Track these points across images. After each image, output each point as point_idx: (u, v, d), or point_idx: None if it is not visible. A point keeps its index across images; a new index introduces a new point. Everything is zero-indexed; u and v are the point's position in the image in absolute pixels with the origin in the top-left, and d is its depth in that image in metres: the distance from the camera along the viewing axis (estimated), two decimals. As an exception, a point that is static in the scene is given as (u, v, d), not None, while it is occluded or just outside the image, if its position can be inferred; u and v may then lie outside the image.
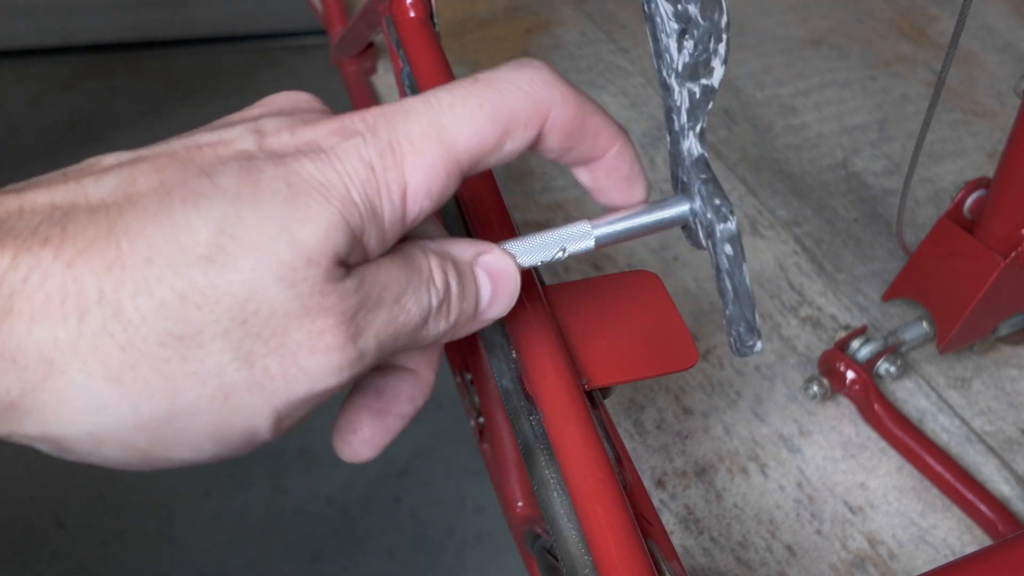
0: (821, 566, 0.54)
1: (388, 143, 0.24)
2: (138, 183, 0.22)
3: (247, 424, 0.23)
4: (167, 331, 0.21)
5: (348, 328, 0.23)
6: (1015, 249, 0.56)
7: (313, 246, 0.22)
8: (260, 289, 0.22)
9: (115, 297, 0.21)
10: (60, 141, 1.53)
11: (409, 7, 0.53)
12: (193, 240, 0.21)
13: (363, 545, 1.04)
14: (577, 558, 0.30)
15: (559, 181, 0.79)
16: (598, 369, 0.33)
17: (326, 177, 0.23)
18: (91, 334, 0.21)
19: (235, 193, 0.22)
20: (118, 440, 0.22)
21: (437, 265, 0.26)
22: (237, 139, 0.24)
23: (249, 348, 0.22)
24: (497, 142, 0.25)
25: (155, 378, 0.21)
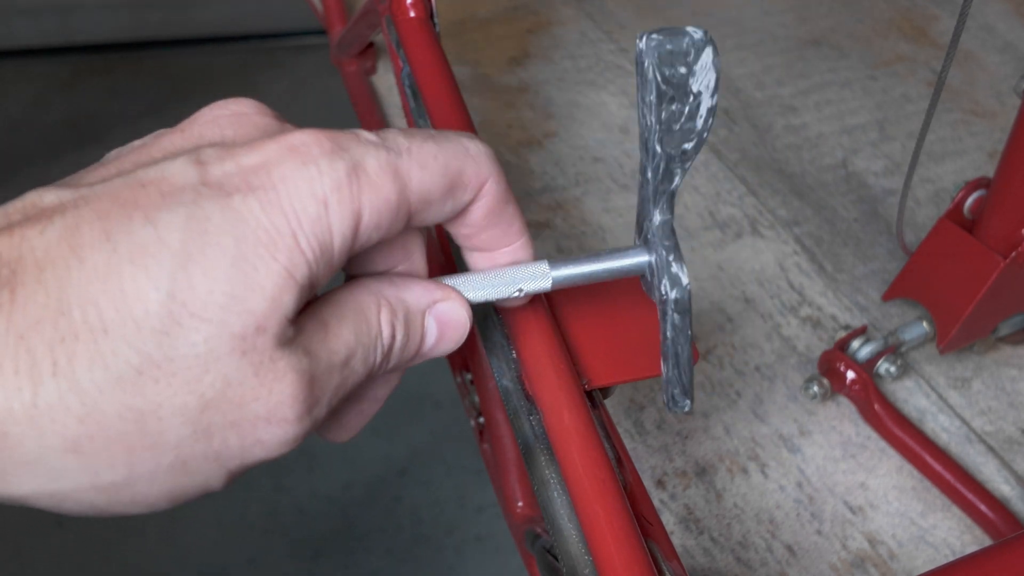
0: (821, 566, 0.54)
1: (346, 173, 0.23)
2: (83, 233, 0.21)
3: (202, 484, 0.23)
4: (125, 404, 0.21)
5: (306, 399, 0.24)
6: (1015, 249, 0.56)
7: (262, 313, 0.22)
8: (213, 362, 0.22)
9: (70, 369, 0.21)
10: (60, 141, 1.53)
11: (409, 7, 0.53)
12: (145, 311, 0.21)
13: (363, 544, 1.04)
14: (577, 558, 0.30)
15: (559, 181, 0.79)
16: (598, 369, 0.33)
17: (273, 223, 0.22)
18: (47, 407, 0.20)
19: (182, 251, 0.21)
20: (77, 500, 0.22)
21: (387, 319, 0.27)
22: (178, 173, 0.23)
23: (208, 421, 0.22)
24: (442, 195, 0.26)
25: (114, 448, 0.21)
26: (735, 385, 0.63)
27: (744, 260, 0.73)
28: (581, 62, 0.94)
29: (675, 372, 0.30)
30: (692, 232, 0.75)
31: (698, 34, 0.25)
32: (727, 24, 1.01)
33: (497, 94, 0.89)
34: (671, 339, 0.30)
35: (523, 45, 0.96)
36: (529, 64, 0.93)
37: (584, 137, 0.84)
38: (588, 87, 0.90)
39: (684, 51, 0.25)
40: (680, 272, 0.29)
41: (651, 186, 0.28)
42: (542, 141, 0.84)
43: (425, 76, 0.48)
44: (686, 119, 0.26)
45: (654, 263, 0.30)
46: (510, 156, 0.82)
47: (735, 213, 0.77)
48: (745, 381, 0.64)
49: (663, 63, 0.25)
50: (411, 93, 0.51)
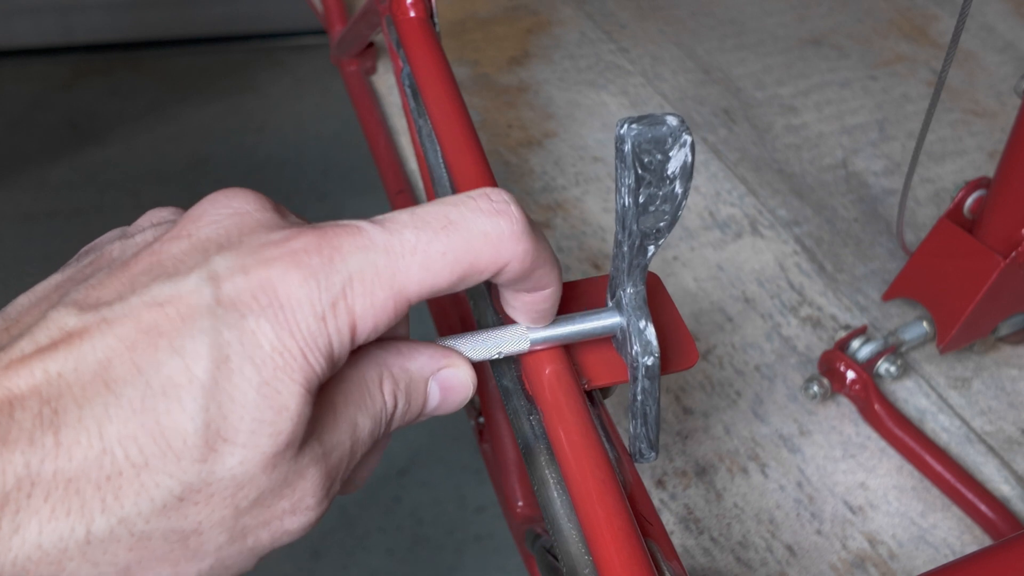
0: (821, 566, 0.54)
1: (341, 289, 0.25)
2: (115, 367, 0.23)
3: (236, 573, 0.26)
4: (170, 528, 0.23)
5: (324, 485, 0.26)
6: (1015, 249, 0.56)
7: (290, 432, 0.24)
8: (248, 480, 0.24)
9: (118, 505, 0.22)
10: (60, 141, 1.53)
11: (409, 7, 0.53)
12: (183, 443, 0.23)
13: (363, 544, 1.04)
14: (577, 558, 0.30)
15: (559, 181, 0.79)
16: (598, 369, 0.33)
17: (285, 345, 0.24)
18: (99, 542, 0.22)
19: (211, 381, 0.23)
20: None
21: (390, 391, 0.28)
22: (194, 292, 0.24)
23: (243, 526, 0.25)
24: (450, 286, 0.26)
25: (160, 566, 0.24)
26: (735, 385, 0.63)
27: (744, 260, 0.73)
28: (581, 62, 0.94)
29: (643, 429, 0.32)
30: (692, 232, 0.75)
31: (675, 121, 0.26)
32: (727, 24, 1.01)
33: (497, 94, 0.89)
34: (640, 400, 0.31)
35: (523, 45, 0.96)
36: (529, 64, 0.93)
37: (584, 137, 0.84)
38: (588, 87, 0.90)
39: (662, 138, 0.26)
40: (651, 340, 0.30)
41: (626, 260, 0.29)
42: (542, 141, 0.84)
43: (425, 76, 0.48)
44: (661, 201, 0.27)
45: (626, 326, 0.31)
46: (510, 156, 0.82)
47: (735, 213, 0.77)
48: (745, 381, 0.64)
49: (642, 150, 0.26)
50: (411, 93, 0.51)
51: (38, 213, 1.41)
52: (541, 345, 0.31)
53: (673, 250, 0.73)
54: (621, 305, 0.31)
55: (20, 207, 1.42)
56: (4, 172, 1.47)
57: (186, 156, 1.49)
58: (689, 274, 0.71)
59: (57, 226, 1.39)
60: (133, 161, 1.50)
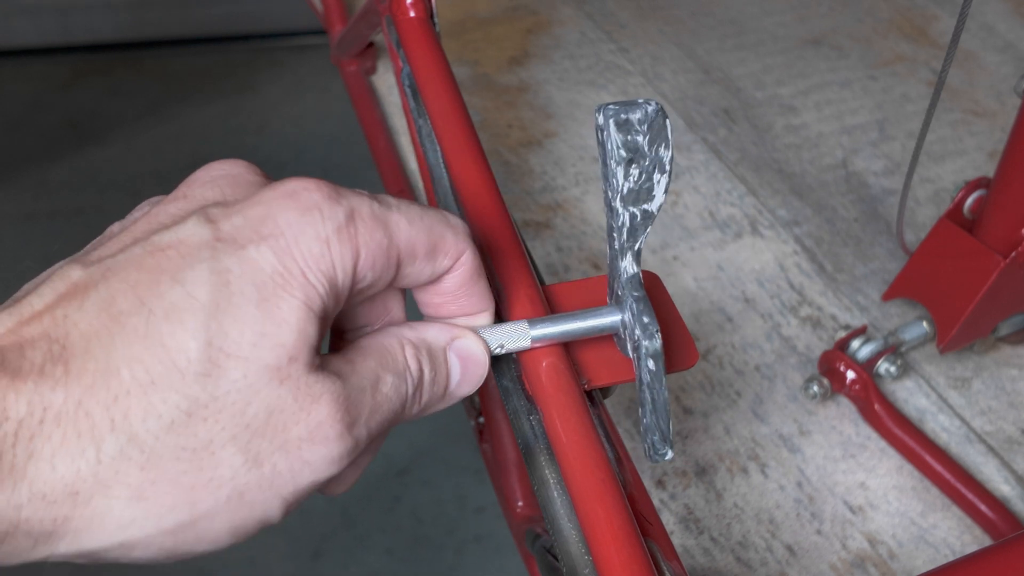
0: (821, 566, 0.54)
1: (344, 219, 0.26)
2: (118, 304, 0.23)
3: (260, 515, 0.25)
4: (180, 446, 0.23)
5: (343, 418, 0.26)
6: (1015, 249, 0.56)
7: (292, 344, 0.24)
8: (254, 393, 0.24)
9: (126, 423, 0.23)
10: (60, 141, 1.53)
11: (409, 7, 0.53)
12: (187, 359, 0.23)
13: (363, 544, 1.04)
14: (577, 558, 0.30)
15: (559, 181, 0.79)
16: (598, 369, 0.33)
17: (285, 266, 0.25)
18: (110, 461, 0.23)
19: (211, 302, 0.24)
20: (146, 545, 0.24)
21: (412, 355, 0.29)
22: (193, 234, 0.25)
23: (256, 449, 0.24)
24: (426, 252, 0.28)
25: (175, 490, 0.23)
26: (735, 385, 0.63)
27: (744, 260, 0.73)
28: (581, 62, 0.94)
29: (653, 418, 0.31)
30: (692, 232, 0.75)
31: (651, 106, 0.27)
32: (727, 24, 1.01)
33: (497, 94, 0.89)
34: (647, 385, 0.31)
35: (523, 45, 0.96)
36: (529, 64, 0.93)
37: (584, 137, 0.84)
38: (588, 87, 0.90)
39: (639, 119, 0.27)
40: (651, 322, 0.30)
41: (618, 243, 0.30)
42: (542, 141, 0.84)
43: (425, 76, 0.48)
44: (645, 179, 0.28)
45: (626, 319, 0.31)
46: (510, 156, 0.82)
47: (735, 213, 0.77)
48: (745, 381, 0.64)
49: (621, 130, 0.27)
50: (411, 93, 0.51)
51: (38, 213, 1.41)
52: (542, 342, 0.32)
53: (673, 250, 0.73)
54: (620, 299, 0.32)
55: (20, 207, 1.42)
56: (4, 172, 1.47)
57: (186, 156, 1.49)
58: (689, 274, 0.71)
59: (57, 226, 1.39)
60: (133, 161, 1.50)
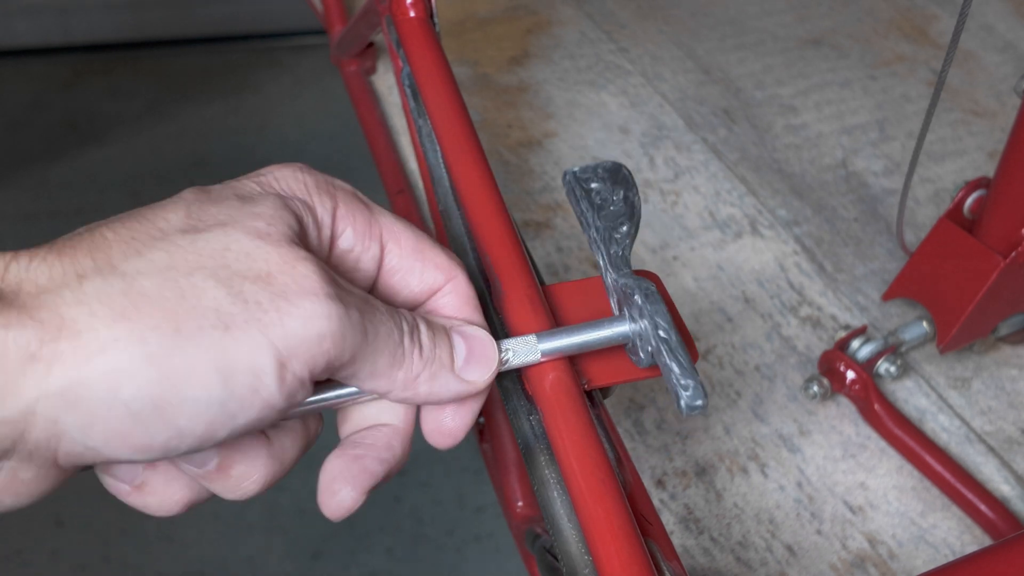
0: (821, 566, 0.54)
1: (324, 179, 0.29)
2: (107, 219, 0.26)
3: (249, 359, 0.24)
4: (162, 275, 0.24)
5: (329, 279, 0.26)
6: (1015, 249, 0.56)
7: (269, 214, 0.26)
8: (234, 242, 0.25)
9: (108, 263, 0.24)
10: (60, 141, 1.53)
11: (409, 7, 0.53)
12: (167, 224, 0.25)
13: (363, 544, 1.04)
14: (577, 558, 0.30)
15: (559, 181, 0.79)
16: (598, 369, 0.33)
17: (262, 187, 0.28)
18: (93, 289, 0.23)
19: (194, 200, 0.27)
20: (131, 376, 0.23)
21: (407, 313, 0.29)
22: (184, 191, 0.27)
23: (239, 286, 0.25)
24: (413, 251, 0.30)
25: (157, 312, 0.23)
26: (735, 385, 0.63)
27: (744, 260, 0.73)
28: (581, 62, 0.94)
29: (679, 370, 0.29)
30: (692, 232, 0.75)
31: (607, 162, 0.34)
32: (727, 24, 1.01)
33: (497, 94, 0.89)
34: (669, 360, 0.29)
35: (523, 45, 0.96)
36: (529, 64, 0.93)
37: (584, 137, 0.84)
38: (588, 87, 0.90)
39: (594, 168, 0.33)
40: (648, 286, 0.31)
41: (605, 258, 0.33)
42: (542, 141, 0.84)
43: (425, 76, 0.48)
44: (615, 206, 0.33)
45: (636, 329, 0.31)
46: (510, 156, 0.82)
47: (735, 213, 0.77)
48: (745, 381, 0.64)
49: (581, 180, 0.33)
50: (411, 93, 0.51)
51: (38, 213, 1.41)
52: (551, 356, 0.31)
53: (673, 250, 0.73)
54: (628, 305, 0.31)
55: (20, 207, 1.42)
56: (4, 172, 1.46)
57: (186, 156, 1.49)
58: (689, 274, 0.71)
59: (57, 226, 1.39)
60: (133, 161, 1.50)
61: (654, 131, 0.85)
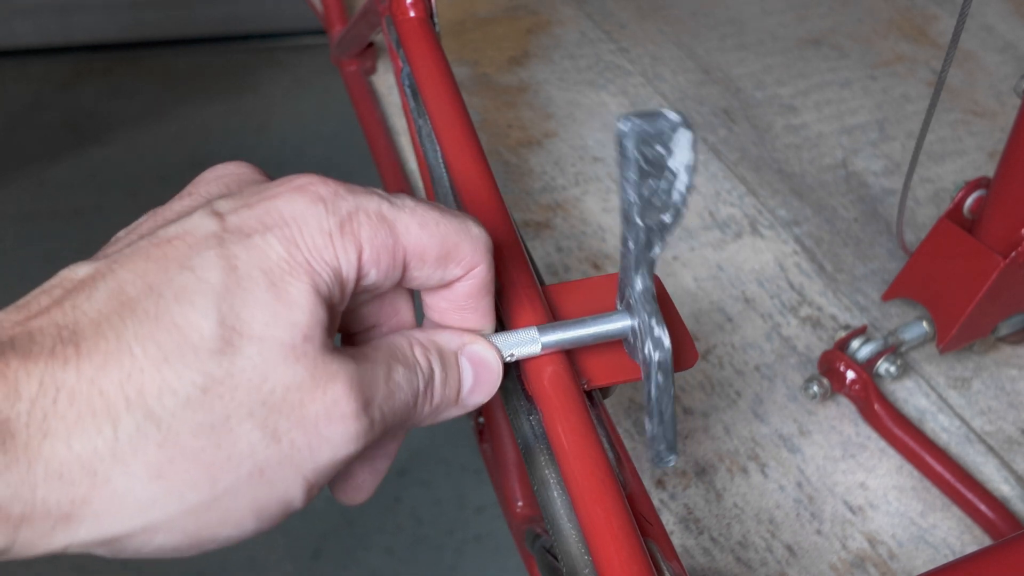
0: (821, 566, 0.54)
1: (348, 214, 0.26)
2: (127, 291, 0.23)
3: (282, 495, 0.25)
4: (197, 422, 0.23)
5: (358, 397, 0.25)
6: (1015, 249, 0.56)
7: (305, 323, 0.24)
8: (270, 369, 0.24)
9: (141, 400, 0.22)
10: (60, 141, 1.53)
11: (409, 7, 0.53)
12: (199, 336, 0.23)
13: (363, 544, 1.04)
14: (577, 558, 0.30)
15: (559, 181, 0.79)
16: (598, 369, 0.33)
17: (290, 254, 0.25)
18: (127, 439, 0.22)
19: (222, 285, 0.24)
20: (169, 527, 0.23)
21: (421, 353, 0.29)
22: (199, 226, 0.25)
23: (274, 425, 0.24)
24: (436, 259, 0.28)
25: (194, 468, 0.23)
26: (735, 385, 0.63)
27: (744, 260, 0.73)
28: (581, 62, 0.94)
29: (660, 429, 0.31)
30: (692, 232, 0.75)
31: (675, 116, 0.27)
32: (727, 24, 1.01)
33: (497, 94, 0.89)
34: (655, 398, 0.31)
35: (523, 45, 0.96)
36: (529, 64, 0.93)
37: (584, 137, 0.84)
38: (588, 87, 0.90)
39: (662, 132, 0.27)
40: (662, 335, 0.30)
41: (633, 255, 0.30)
42: (542, 141, 0.84)
43: (425, 76, 0.48)
44: (664, 194, 0.28)
45: (636, 327, 0.31)
46: (510, 156, 0.82)
47: (735, 213, 0.77)
48: (745, 381, 0.64)
49: (643, 143, 0.27)
50: (411, 93, 0.51)
51: (38, 213, 1.41)
52: (552, 348, 0.31)
53: (673, 250, 0.73)
54: (631, 305, 0.31)
55: (20, 207, 1.42)
56: (4, 172, 1.46)
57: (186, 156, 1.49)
58: (689, 274, 0.71)
59: (57, 226, 1.39)
60: (133, 161, 1.50)
61: (654, 131, 0.85)
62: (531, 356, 0.32)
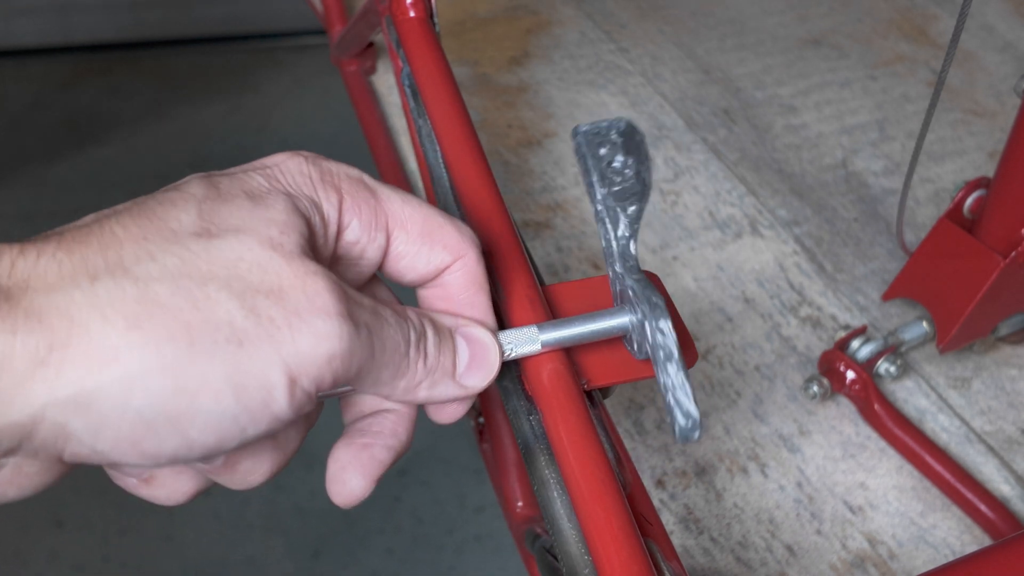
0: (821, 566, 0.54)
1: (328, 170, 0.29)
2: (114, 209, 0.25)
3: (261, 375, 0.24)
4: (176, 284, 0.24)
5: (341, 298, 0.25)
6: (1015, 249, 0.56)
7: (282, 220, 0.26)
8: (247, 251, 0.25)
9: (121, 264, 0.23)
10: (60, 141, 1.53)
11: (409, 7, 0.53)
12: (179, 225, 0.25)
13: (363, 544, 1.04)
14: (577, 558, 0.30)
15: (559, 181, 0.79)
16: (598, 369, 0.33)
17: (271, 184, 0.27)
18: (105, 292, 0.23)
19: (204, 196, 0.26)
20: (145, 384, 0.23)
21: (415, 314, 0.29)
22: (191, 182, 0.27)
23: (252, 300, 0.24)
24: (420, 234, 0.29)
25: (172, 323, 0.23)
26: (735, 385, 0.63)
27: (744, 260, 0.73)
28: (581, 62, 0.94)
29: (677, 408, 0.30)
30: (692, 232, 0.75)
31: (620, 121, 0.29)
32: (727, 24, 1.01)
33: (497, 94, 0.89)
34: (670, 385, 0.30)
35: (523, 45, 0.96)
36: (529, 64, 0.93)
37: (584, 137, 0.84)
38: (588, 87, 0.90)
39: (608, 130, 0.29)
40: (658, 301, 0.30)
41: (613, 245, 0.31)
42: (542, 141, 0.84)
43: (425, 76, 0.48)
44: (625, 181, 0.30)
45: (636, 320, 0.31)
46: (510, 156, 0.82)
47: (735, 213, 0.77)
48: (745, 381, 0.64)
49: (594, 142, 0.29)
50: (411, 93, 0.51)
51: (38, 213, 1.41)
52: (552, 346, 0.31)
53: (673, 250, 0.73)
54: (628, 300, 0.31)
55: (20, 207, 1.42)
56: (4, 172, 1.46)
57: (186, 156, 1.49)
58: (689, 274, 0.71)
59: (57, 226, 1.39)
60: (133, 161, 1.50)
61: (654, 131, 0.85)
62: (531, 354, 0.32)
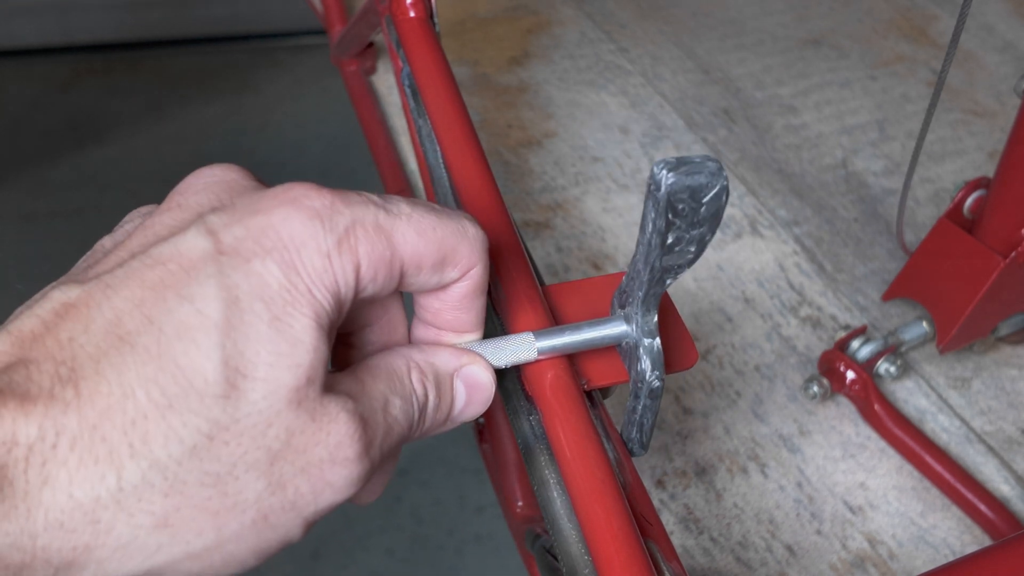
0: (821, 566, 0.54)
1: (345, 230, 0.25)
2: (125, 323, 0.23)
3: (283, 536, 0.25)
4: (203, 471, 0.23)
5: (361, 438, 0.25)
6: (1015, 249, 0.56)
7: (308, 364, 0.24)
8: (274, 415, 0.23)
9: (146, 448, 0.22)
10: (60, 141, 1.53)
11: (409, 7, 0.53)
12: (204, 380, 0.22)
13: (363, 544, 1.04)
14: (577, 558, 0.30)
15: (559, 181, 0.79)
16: (598, 369, 0.33)
17: (291, 283, 0.24)
18: (131, 488, 0.22)
19: (223, 320, 0.23)
20: (172, 571, 0.23)
21: (418, 379, 0.29)
22: (194, 246, 0.24)
23: (279, 472, 0.24)
24: (433, 265, 0.27)
25: (200, 516, 0.23)
26: (735, 385, 0.63)
27: (744, 260, 0.73)
28: (581, 62, 0.94)
29: (637, 435, 0.32)
30: (692, 232, 0.75)
31: (713, 167, 0.25)
32: (727, 24, 1.01)
33: (497, 94, 0.89)
34: (640, 414, 0.32)
35: (523, 45, 0.96)
36: (529, 64, 0.93)
37: (584, 137, 0.84)
38: (588, 87, 0.90)
39: (698, 187, 0.25)
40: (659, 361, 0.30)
41: (643, 290, 0.29)
42: (542, 141, 0.84)
43: (425, 76, 0.48)
44: (687, 243, 0.27)
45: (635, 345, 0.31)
46: (510, 156, 0.82)
47: (735, 213, 0.77)
48: (745, 381, 0.64)
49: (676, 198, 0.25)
50: (411, 93, 0.51)
51: (38, 213, 1.41)
52: (548, 354, 0.31)
53: (673, 250, 0.73)
54: (631, 319, 0.31)
55: (20, 207, 1.42)
56: (4, 172, 1.47)
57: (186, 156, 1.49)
58: (689, 274, 0.71)
59: (57, 226, 1.39)
60: (133, 161, 1.50)
61: (654, 131, 0.85)
62: (527, 362, 0.32)
